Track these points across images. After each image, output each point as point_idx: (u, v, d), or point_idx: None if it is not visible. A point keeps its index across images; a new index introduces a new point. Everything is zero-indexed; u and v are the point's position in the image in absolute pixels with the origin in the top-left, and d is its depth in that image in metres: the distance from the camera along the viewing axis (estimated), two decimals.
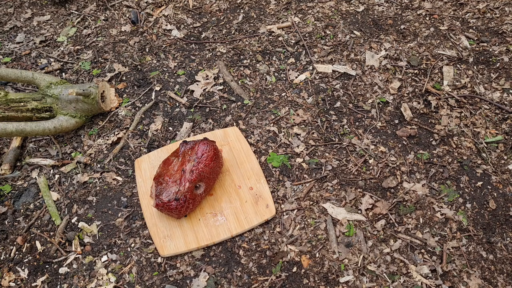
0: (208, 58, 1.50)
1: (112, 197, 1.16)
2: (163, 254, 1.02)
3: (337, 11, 1.65)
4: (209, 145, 1.05)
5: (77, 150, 1.27)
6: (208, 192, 1.08)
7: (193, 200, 1.02)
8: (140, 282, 1.00)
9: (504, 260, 0.99)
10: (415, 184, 1.13)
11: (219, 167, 1.09)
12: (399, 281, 0.96)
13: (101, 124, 1.33)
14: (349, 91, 1.36)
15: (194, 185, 1.02)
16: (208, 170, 1.04)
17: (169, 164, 1.06)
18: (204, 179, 1.04)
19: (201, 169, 1.03)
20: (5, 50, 1.58)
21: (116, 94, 1.40)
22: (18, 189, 1.19)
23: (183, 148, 1.07)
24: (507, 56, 1.43)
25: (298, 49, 1.51)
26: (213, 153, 1.05)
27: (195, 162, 1.03)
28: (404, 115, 1.28)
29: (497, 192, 1.11)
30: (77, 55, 1.55)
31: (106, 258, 1.05)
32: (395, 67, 1.43)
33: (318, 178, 1.16)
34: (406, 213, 1.08)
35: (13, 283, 1.02)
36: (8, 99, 1.25)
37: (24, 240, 1.09)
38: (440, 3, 1.65)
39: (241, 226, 1.05)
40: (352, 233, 1.04)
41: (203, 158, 1.04)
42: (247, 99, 1.36)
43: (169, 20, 1.66)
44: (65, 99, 1.25)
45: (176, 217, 1.04)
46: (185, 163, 1.03)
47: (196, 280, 0.99)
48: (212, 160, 1.04)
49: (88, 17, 1.68)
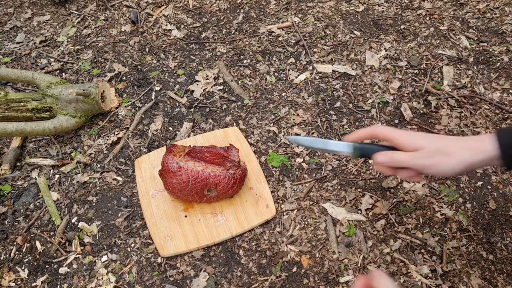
0: (208, 58, 1.51)
1: (112, 197, 1.16)
2: (163, 254, 1.02)
3: (337, 11, 1.65)
4: (231, 178, 1.03)
5: (77, 150, 1.27)
6: (220, 198, 1.09)
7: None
8: (140, 282, 1.00)
9: (504, 260, 0.99)
10: (415, 184, 1.13)
11: (239, 188, 1.09)
12: (399, 281, 0.96)
13: (101, 124, 1.33)
14: (349, 91, 1.36)
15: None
16: (224, 192, 1.05)
17: None
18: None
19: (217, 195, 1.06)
20: (5, 50, 1.58)
21: (116, 94, 1.40)
22: (18, 189, 1.19)
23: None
24: (507, 56, 1.43)
25: (298, 49, 1.51)
26: (233, 182, 1.03)
27: (213, 194, 1.05)
28: (404, 115, 1.28)
29: (497, 192, 1.11)
30: (77, 55, 1.55)
31: (106, 258, 1.05)
32: (395, 67, 1.43)
33: (318, 178, 1.16)
34: (406, 213, 1.08)
35: (13, 283, 1.02)
36: (8, 99, 1.25)
37: (24, 240, 1.09)
38: (440, 3, 1.65)
39: (241, 226, 1.05)
40: (352, 233, 1.04)
41: (222, 190, 1.04)
42: (247, 99, 1.36)
43: (169, 20, 1.66)
44: (65, 99, 1.25)
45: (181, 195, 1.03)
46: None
47: (196, 280, 0.99)
48: (231, 187, 1.04)
49: (88, 17, 1.68)
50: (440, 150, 0.69)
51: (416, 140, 0.70)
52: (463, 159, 0.68)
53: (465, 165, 0.69)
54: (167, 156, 1.01)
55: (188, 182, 0.99)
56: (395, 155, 0.72)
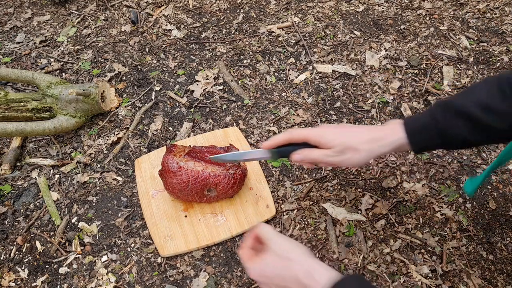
0: (208, 58, 1.51)
1: (112, 197, 1.16)
2: (163, 254, 1.02)
3: (337, 11, 1.65)
4: (231, 178, 1.03)
5: (77, 150, 1.27)
6: (220, 198, 1.09)
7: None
8: (140, 282, 1.00)
9: (504, 260, 0.99)
10: (415, 184, 1.13)
11: (239, 188, 1.09)
12: (399, 281, 0.96)
13: (101, 124, 1.33)
14: (349, 91, 1.36)
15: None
16: (224, 192, 1.05)
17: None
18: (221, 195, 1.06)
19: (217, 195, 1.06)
20: (5, 50, 1.58)
21: (116, 94, 1.40)
22: (18, 189, 1.19)
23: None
24: (507, 56, 1.43)
25: (298, 49, 1.51)
26: (233, 182, 1.03)
27: (213, 194, 1.05)
28: (404, 115, 1.28)
29: (497, 192, 1.11)
30: (77, 55, 1.55)
31: (106, 258, 1.05)
32: (395, 67, 1.43)
33: (318, 178, 1.16)
34: (406, 213, 1.08)
35: (13, 283, 1.02)
36: (8, 99, 1.25)
37: (24, 240, 1.09)
38: (440, 3, 1.65)
39: (241, 226, 1.05)
40: (352, 233, 1.04)
41: (221, 191, 1.03)
42: (247, 99, 1.36)
43: (169, 20, 1.66)
44: (65, 99, 1.25)
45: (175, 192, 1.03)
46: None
47: (196, 280, 0.99)
48: (231, 187, 1.04)
49: (88, 17, 1.68)
50: (349, 147, 0.76)
51: (328, 139, 0.77)
52: (371, 153, 0.76)
53: (373, 156, 0.77)
54: (167, 156, 1.01)
55: (188, 182, 0.99)
56: (309, 154, 0.79)
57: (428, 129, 0.74)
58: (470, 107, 0.71)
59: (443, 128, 0.73)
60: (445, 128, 0.73)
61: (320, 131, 0.79)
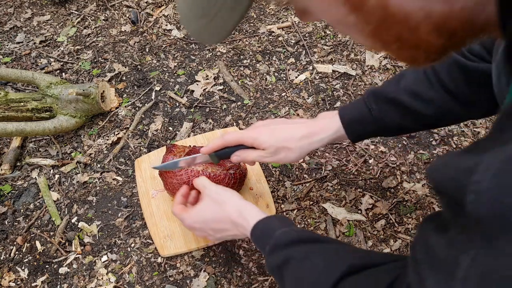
0: (208, 58, 1.51)
1: (112, 197, 1.16)
2: (163, 254, 1.02)
3: None
4: (231, 178, 1.02)
5: (77, 150, 1.27)
6: None
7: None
8: (140, 282, 1.00)
9: None
10: (415, 184, 1.13)
11: (239, 188, 1.08)
12: None
13: (101, 124, 1.33)
14: (349, 91, 1.36)
15: None
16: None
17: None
18: None
19: None
20: (5, 50, 1.58)
21: (116, 94, 1.40)
22: (18, 189, 1.19)
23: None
24: None
25: (298, 49, 1.51)
26: (233, 182, 1.03)
27: None
28: None
29: None
30: (77, 55, 1.55)
31: (106, 258, 1.05)
32: (395, 67, 1.43)
33: (318, 178, 1.16)
34: (406, 213, 1.08)
35: (13, 283, 1.02)
36: (8, 99, 1.25)
37: (24, 240, 1.09)
38: None
39: None
40: (352, 233, 1.04)
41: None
42: (247, 99, 1.36)
43: (169, 20, 1.66)
44: (65, 99, 1.25)
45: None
46: None
47: (196, 280, 0.99)
48: (231, 187, 1.02)
49: (88, 17, 1.68)
50: (282, 147, 0.79)
51: (261, 140, 0.80)
52: (304, 149, 0.80)
53: (307, 152, 0.81)
54: (167, 156, 1.01)
55: (188, 182, 0.99)
56: (246, 156, 0.83)
57: (364, 118, 0.77)
58: (400, 94, 0.74)
59: (377, 116, 0.76)
60: (380, 116, 0.76)
61: (254, 133, 0.82)
